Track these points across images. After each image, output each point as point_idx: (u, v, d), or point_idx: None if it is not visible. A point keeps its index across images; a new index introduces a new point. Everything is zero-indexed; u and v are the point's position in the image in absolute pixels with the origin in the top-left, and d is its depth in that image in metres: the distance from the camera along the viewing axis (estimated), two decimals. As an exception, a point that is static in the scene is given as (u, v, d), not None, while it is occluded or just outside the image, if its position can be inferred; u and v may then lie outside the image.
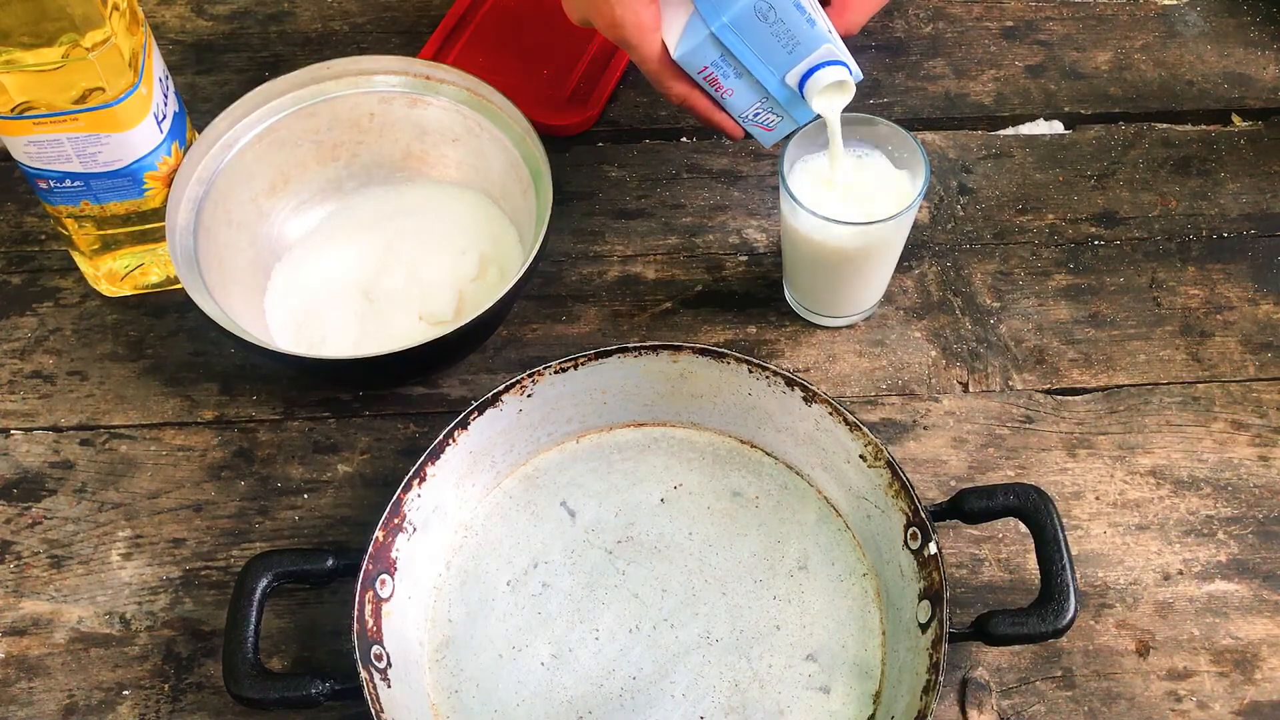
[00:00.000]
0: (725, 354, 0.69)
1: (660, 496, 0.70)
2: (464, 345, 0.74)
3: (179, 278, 0.69)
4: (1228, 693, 0.65)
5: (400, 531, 0.65)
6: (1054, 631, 0.61)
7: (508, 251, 0.77)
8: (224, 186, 0.74)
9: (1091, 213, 0.83)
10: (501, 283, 0.71)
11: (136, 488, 0.72)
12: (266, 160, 0.76)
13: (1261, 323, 0.78)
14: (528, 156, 0.74)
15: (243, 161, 0.75)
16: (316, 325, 0.75)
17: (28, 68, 0.63)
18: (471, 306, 0.73)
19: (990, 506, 0.64)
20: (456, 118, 0.77)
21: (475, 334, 0.72)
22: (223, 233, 0.74)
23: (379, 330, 0.74)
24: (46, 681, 0.65)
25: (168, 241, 0.70)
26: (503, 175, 0.77)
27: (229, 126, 0.75)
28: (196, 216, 0.72)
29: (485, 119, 0.76)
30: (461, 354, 0.75)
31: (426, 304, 0.75)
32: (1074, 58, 0.90)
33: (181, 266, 0.69)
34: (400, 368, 0.72)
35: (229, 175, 0.74)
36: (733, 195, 0.83)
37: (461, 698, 0.64)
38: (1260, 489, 0.71)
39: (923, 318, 0.78)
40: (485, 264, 0.76)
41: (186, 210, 0.72)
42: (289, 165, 0.77)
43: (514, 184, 0.76)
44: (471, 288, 0.75)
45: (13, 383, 0.75)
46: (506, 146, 0.75)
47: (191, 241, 0.71)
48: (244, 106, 0.75)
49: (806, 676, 0.64)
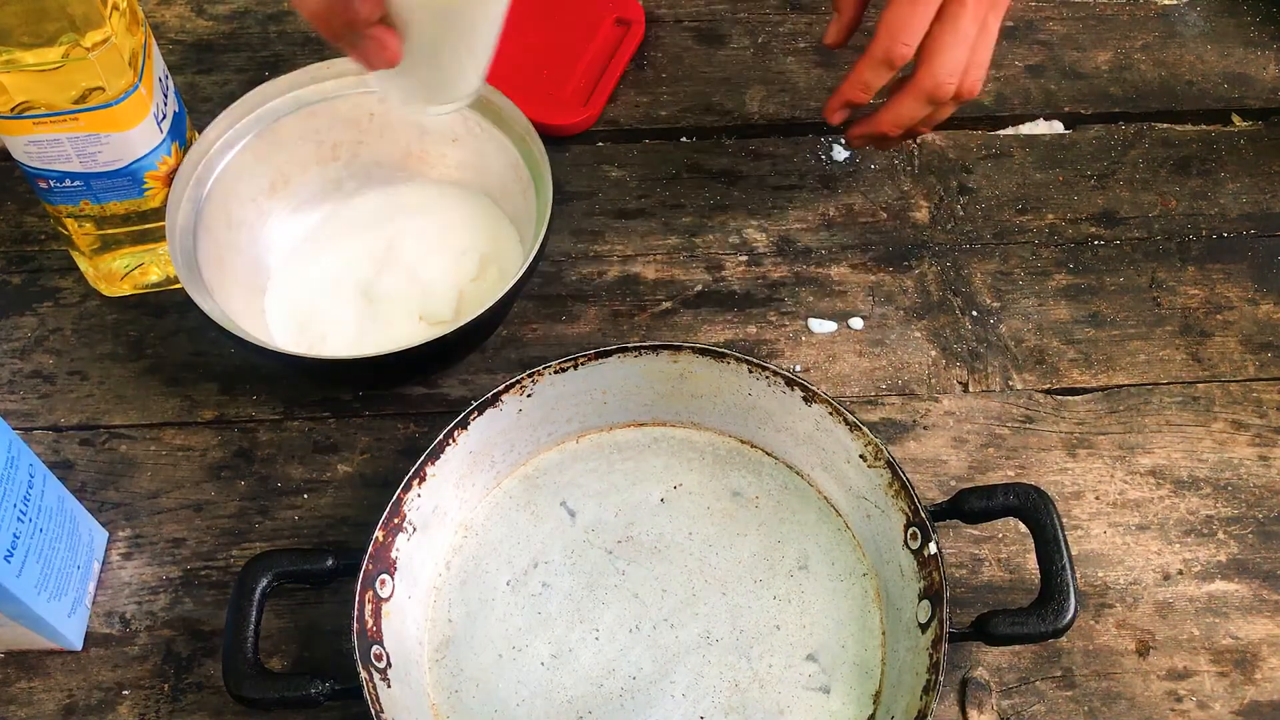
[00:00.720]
0: (725, 354, 0.69)
1: (660, 496, 0.70)
2: (464, 345, 0.74)
3: (179, 277, 0.69)
4: (1228, 692, 0.65)
5: (400, 531, 0.65)
6: (1054, 631, 0.61)
7: (508, 251, 0.77)
8: (224, 187, 0.74)
9: (1091, 213, 0.83)
10: (501, 282, 0.71)
11: (136, 487, 0.72)
12: (267, 160, 0.76)
13: (1261, 322, 0.78)
14: (527, 156, 0.74)
15: (243, 162, 0.75)
16: (316, 325, 0.75)
17: (28, 67, 0.63)
18: (471, 306, 0.73)
19: (990, 506, 0.64)
20: (456, 118, 0.77)
21: (475, 334, 0.72)
22: (223, 233, 0.74)
23: (379, 330, 0.74)
24: (46, 681, 0.65)
25: (168, 242, 0.70)
26: (502, 175, 0.76)
27: (229, 127, 0.74)
28: (196, 217, 0.72)
29: (485, 119, 0.76)
30: (461, 354, 0.75)
31: (426, 304, 0.75)
32: (1074, 58, 0.90)
33: (181, 267, 0.69)
34: (400, 368, 0.72)
35: (229, 175, 0.74)
36: (733, 195, 0.83)
37: (461, 697, 0.64)
38: (1260, 489, 0.71)
39: (922, 318, 0.78)
40: (485, 264, 0.76)
41: (186, 211, 0.72)
42: (289, 165, 0.77)
43: (514, 184, 0.76)
44: (471, 288, 0.75)
45: (12, 382, 0.75)
46: (506, 146, 0.75)
47: (191, 242, 0.71)
48: (244, 106, 0.75)
49: (806, 676, 0.64)
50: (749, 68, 0.90)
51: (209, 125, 0.74)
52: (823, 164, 0.85)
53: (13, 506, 0.59)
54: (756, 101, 0.88)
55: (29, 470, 0.61)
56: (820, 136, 0.86)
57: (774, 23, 0.92)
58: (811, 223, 0.82)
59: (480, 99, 0.76)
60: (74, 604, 0.65)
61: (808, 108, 0.88)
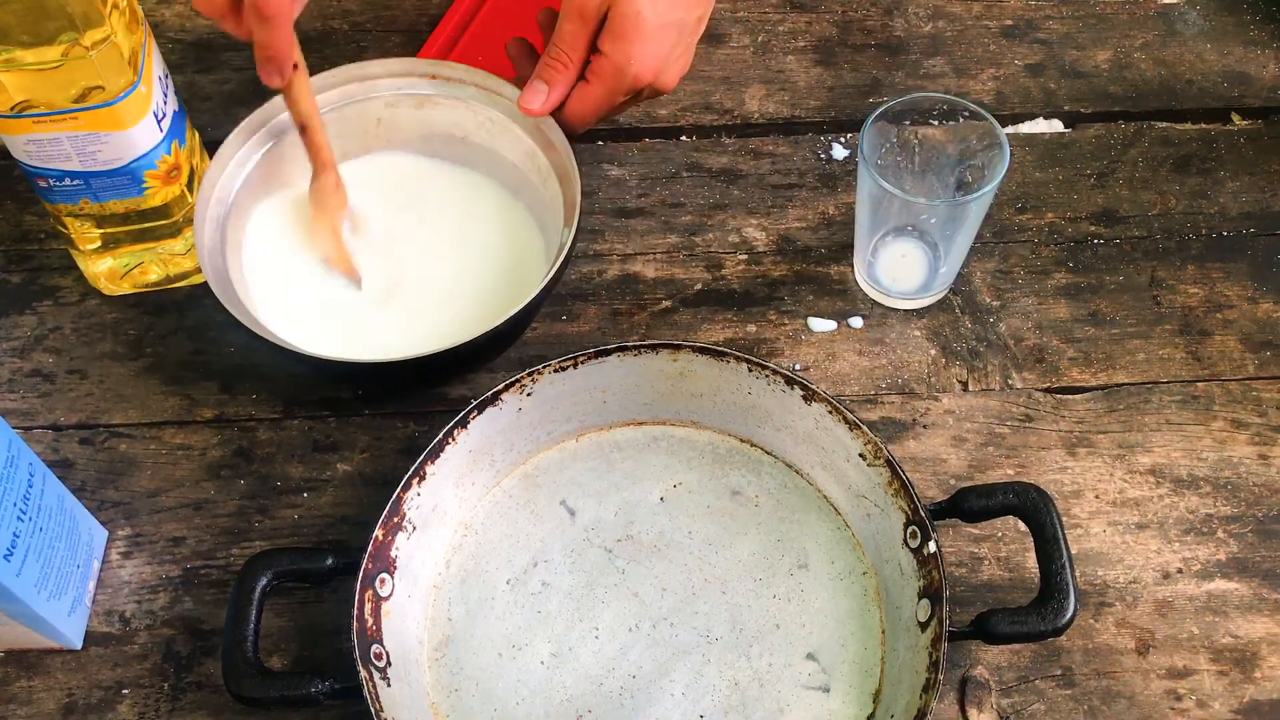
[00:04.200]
0: (725, 352, 0.69)
1: (660, 495, 0.70)
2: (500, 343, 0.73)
3: (218, 297, 0.68)
4: (1227, 691, 0.65)
5: (400, 530, 0.65)
6: (1053, 630, 0.61)
7: (529, 242, 0.76)
8: (241, 205, 0.74)
9: (1091, 211, 0.83)
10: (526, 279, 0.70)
11: (136, 486, 0.72)
12: (275, 178, 0.76)
13: (1261, 321, 0.78)
14: (545, 145, 0.74)
15: (256, 179, 0.75)
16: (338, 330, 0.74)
17: (27, 66, 0.63)
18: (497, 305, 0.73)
19: (990, 505, 0.64)
20: (466, 114, 0.77)
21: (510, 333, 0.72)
22: (245, 249, 0.74)
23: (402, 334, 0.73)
24: (46, 680, 0.65)
25: (199, 261, 0.70)
26: (519, 167, 0.76)
27: (240, 144, 0.74)
28: (222, 235, 0.72)
29: (496, 112, 0.76)
30: (494, 354, 0.75)
31: (450, 305, 0.74)
32: (1074, 56, 0.90)
33: (216, 286, 0.69)
34: (434, 370, 0.72)
35: (244, 193, 0.74)
36: (732, 194, 0.83)
37: (461, 696, 0.64)
38: (1260, 487, 0.71)
39: (922, 316, 0.78)
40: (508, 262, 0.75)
41: (211, 230, 0.72)
42: (297, 180, 0.77)
43: (532, 174, 0.75)
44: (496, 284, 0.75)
45: (12, 381, 0.75)
46: (520, 137, 0.75)
47: (221, 261, 0.71)
48: (251, 124, 0.74)
49: (806, 675, 0.64)
50: (749, 67, 0.90)
51: (221, 144, 0.73)
52: (822, 163, 0.85)
53: (13, 505, 0.59)
54: (756, 100, 0.88)
55: (29, 469, 0.61)
56: (820, 135, 0.86)
57: (774, 22, 0.92)
58: (811, 221, 0.82)
59: (489, 93, 0.76)
60: (74, 603, 0.65)
61: (807, 107, 0.88)
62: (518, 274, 0.75)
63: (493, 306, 0.73)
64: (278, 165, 0.76)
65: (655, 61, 0.71)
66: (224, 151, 0.73)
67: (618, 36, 0.70)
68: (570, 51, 0.71)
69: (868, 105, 0.87)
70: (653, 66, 0.71)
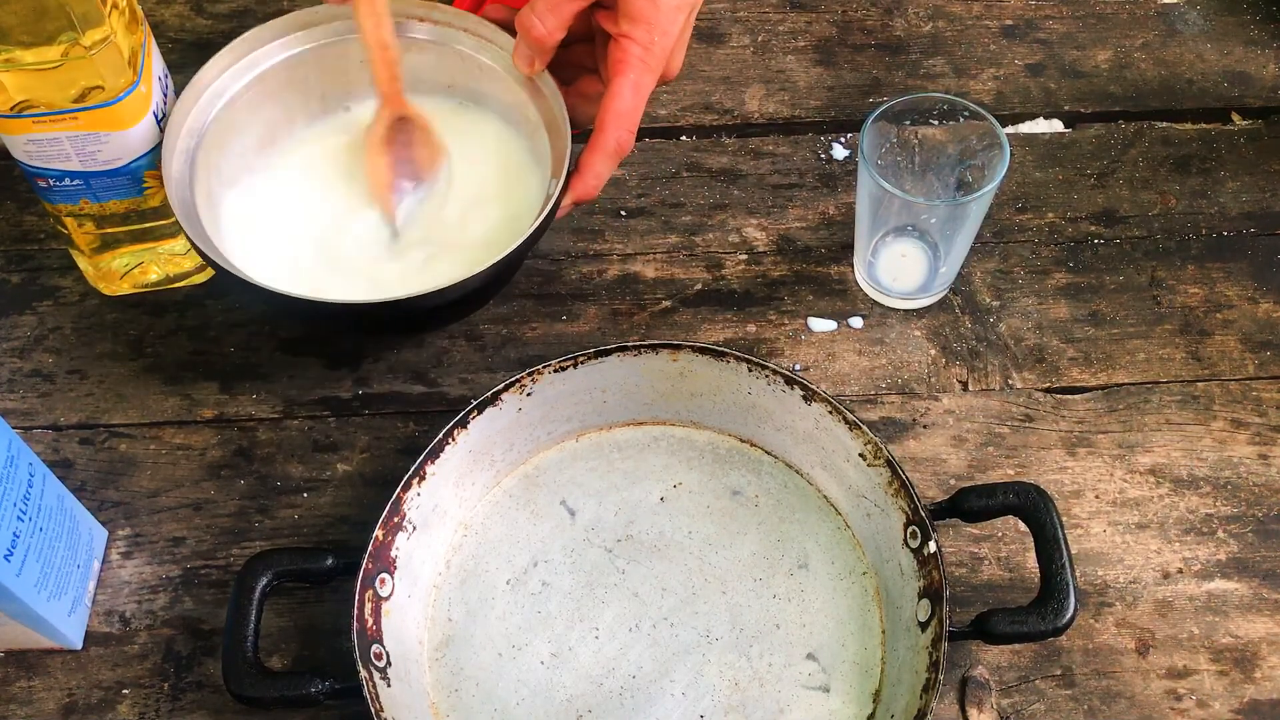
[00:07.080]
0: (725, 352, 0.69)
1: (660, 495, 0.70)
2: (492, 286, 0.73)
3: (183, 229, 0.66)
4: (1227, 691, 0.65)
5: (400, 530, 0.65)
6: (1054, 630, 0.61)
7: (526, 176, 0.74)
8: (213, 140, 0.72)
9: (1091, 211, 0.83)
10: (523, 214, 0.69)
11: (136, 486, 0.72)
12: (255, 114, 0.74)
13: (1261, 321, 0.78)
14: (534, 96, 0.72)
15: (231, 115, 0.73)
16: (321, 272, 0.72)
17: (27, 66, 0.63)
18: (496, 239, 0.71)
19: (990, 505, 0.64)
20: (455, 59, 0.75)
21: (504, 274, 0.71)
22: (215, 187, 0.72)
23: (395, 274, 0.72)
24: (46, 680, 0.65)
25: (166, 192, 0.68)
26: (508, 116, 0.75)
27: (216, 75, 0.72)
28: (191, 169, 0.70)
29: (486, 59, 0.74)
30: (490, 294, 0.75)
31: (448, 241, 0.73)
32: (1074, 56, 0.90)
33: (182, 219, 0.67)
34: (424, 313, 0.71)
35: (217, 129, 0.72)
36: (732, 194, 0.83)
37: (461, 696, 0.64)
38: (1260, 487, 0.71)
39: (922, 316, 0.78)
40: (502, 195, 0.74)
41: (180, 162, 0.70)
42: (276, 119, 0.75)
43: (522, 123, 0.74)
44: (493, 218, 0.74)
45: (12, 381, 0.75)
46: (511, 86, 0.73)
47: (189, 195, 0.69)
48: (230, 55, 0.73)
49: (806, 675, 0.64)
50: (749, 66, 0.90)
51: (197, 72, 0.72)
52: (822, 163, 0.85)
53: (12, 505, 0.59)
54: (756, 100, 0.88)
55: (29, 469, 0.61)
56: (820, 135, 0.86)
57: (774, 21, 0.92)
58: (811, 221, 0.82)
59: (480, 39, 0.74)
60: (74, 603, 0.65)
61: (807, 106, 0.88)
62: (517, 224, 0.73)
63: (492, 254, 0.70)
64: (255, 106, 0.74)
65: (673, 42, 0.69)
66: (198, 80, 0.72)
67: (635, 19, 0.67)
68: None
69: (868, 105, 0.87)
70: (671, 48, 0.69)
